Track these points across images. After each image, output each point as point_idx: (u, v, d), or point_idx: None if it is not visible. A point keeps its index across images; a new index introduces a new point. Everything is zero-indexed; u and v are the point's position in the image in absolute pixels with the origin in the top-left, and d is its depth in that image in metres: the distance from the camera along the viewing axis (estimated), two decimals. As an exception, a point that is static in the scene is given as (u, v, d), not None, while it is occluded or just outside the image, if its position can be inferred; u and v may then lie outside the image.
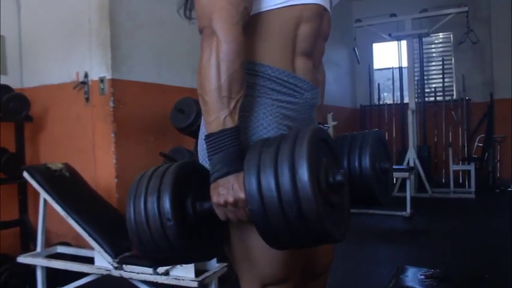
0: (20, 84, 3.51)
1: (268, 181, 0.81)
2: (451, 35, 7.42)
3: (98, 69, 3.16)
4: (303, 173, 0.78)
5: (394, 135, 7.41)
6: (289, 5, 1.02)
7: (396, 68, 7.65)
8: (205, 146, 0.94)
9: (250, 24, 1.03)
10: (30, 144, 3.42)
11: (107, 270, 2.28)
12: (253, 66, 1.03)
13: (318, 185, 0.80)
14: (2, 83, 3.24)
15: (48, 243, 2.86)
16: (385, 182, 1.17)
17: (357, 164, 1.11)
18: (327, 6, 1.12)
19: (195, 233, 0.94)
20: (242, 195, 0.87)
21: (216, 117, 0.91)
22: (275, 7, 1.02)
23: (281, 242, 0.86)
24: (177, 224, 0.88)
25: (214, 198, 0.90)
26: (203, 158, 1.05)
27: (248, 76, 1.01)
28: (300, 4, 1.03)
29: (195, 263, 1.08)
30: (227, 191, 0.89)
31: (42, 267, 2.56)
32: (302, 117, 1.08)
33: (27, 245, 3.23)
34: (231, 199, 0.88)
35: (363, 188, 1.09)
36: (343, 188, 0.88)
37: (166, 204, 0.88)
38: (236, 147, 0.91)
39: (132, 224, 0.92)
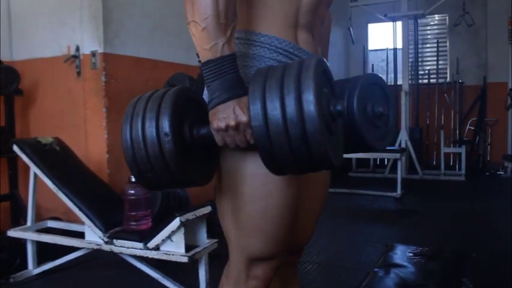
0: (9, 57, 3.44)
1: (273, 101, 0.82)
2: (447, 17, 7.38)
3: (90, 43, 3.11)
4: (309, 95, 0.80)
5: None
6: None
7: (391, 49, 7.61)
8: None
9: None
10: (21, 118, 3.38)
11: (97, 244, 2.28)
12: (259, 37, 1.01)
13: (321, 108, 0.82)
14: (-9, 56, 3.20)
15: (38, 218, 2.85)
16: (382, 126, 1.14)
17: (345, 105, 1.10)
18: None
19: (190, 156, 0.94)
20: (244, 118, 0.87)
21: (214, 44, 0.89)
22: None
23: (280, 164, 0.86)
24: (175, 140, 0.88)
25: (215, 123, 0.90)
26: None
27: (253, 47, 0.99)
28: None
29: (187, 187, 1.06)
30: (228, 115, 0.88)
31: (33, 242, 2.56)
32: None
33: (18, 220, 3.22)
34: (232, 122, 0.88)
35: (352, 132, 1.06)
36: (342, 117, 0.89)
37: (166, 121, 0.88)
38: (235, 74, 0.91)
39: (128, 143, 0.90)
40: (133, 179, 2.20)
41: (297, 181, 1.03)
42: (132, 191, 2.21)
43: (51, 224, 2.78)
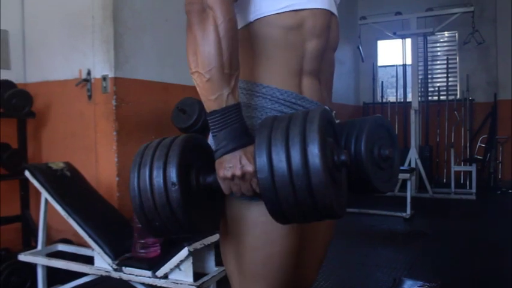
0: (23, 79, 3.51)
1: (279, 153, 0.84)
2: (457, 34, 7.38)
3: (101, 67, 3.16)
4: (314, 147, 0.82)
5: (396, 134, 7.38)
6: (293, 10, 0.99)
7: (400, 65, 7.61)
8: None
9: (250, 34, 1.02)
10: (33, 139, 3.43)
11: (106, 271, 2.29)
12: (260, 88, 1.01)
13: (326, 160, 0.84)
14: (5, 77, 3.25)
15: (49, 239, 2.88)
16: (387, 169, 1.15)
17: (352, 149, 1.10)
18: (334, 10, 1.08)
19: (197, 203, 0.95)
20: (250, 168, 0.89)
21: (219, 94, 0.91)
22: (276, 12, 0.99)
23: (285, 214, 0.87)
24: (182, 189, 0.89)
25: (221, 172, 0.91)
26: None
27: (255, 98, 1.00)
28: (305, 9, 1.00)
29: (195, 234, 1.08)
30: (234, 164, 0.90)
31: (43, 266, 2.58)
32: None
33: (29, 240, 3.25)
34: (238, 172, 0.89)
35: (359, 174, 1.07)
36: (346, 167, 0.92)
37: (173, 170, 0.89)
38: (240, 123, 0.92)
39: (135, 191, 0.92)
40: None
41: (301, 229, 1.04)
42: (141, 219, 2.22)
43: (62, 247, 2.80)
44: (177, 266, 2.10)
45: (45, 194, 2.45)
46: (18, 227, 3.25)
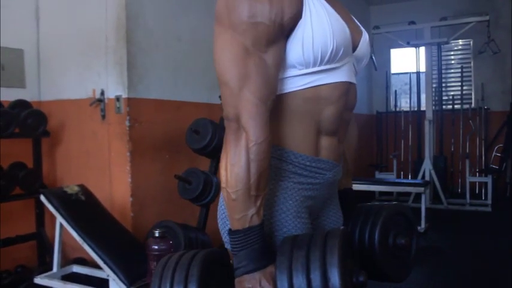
0: (37, 97, 3.54)
1: (301, 286, 0.85)
2: (471, 42, 7.30)
3: (114, 88, 3.17)
4: (335, 282, 0.83)
5: (410, 144, 7.33)
6: (314, 86, 1.00)
7: (414, 73, 7.54)
8: (228, 239, 0.96)
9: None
10: (47, 158, 3.46)
11: (121, 298, 2.31)
12: (277, 150, 1.02)
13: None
14: (20, 95, 3.29)
15: (64, 257, 2.90)
16: (403, 257, 1.14)
17: (366, 239, 1.10)
18: (353, 80, 1.09)
19: None
20: None
21: (243, 215, 0.92)
22: (299, 88, 1.00)
23: None
24: None
25: None
26: (223, 222, 1.06)
27: (271, 159, 1.00)
28: (325, 84, 1.01)
29: None
30: (254, 286, 0.91)
31: (58, 289, 2.61)
32: (322, 194, 1.09)
33: (44, 257, 3.29)
34: None
35: (372, 265, 1.08)
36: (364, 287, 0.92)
37: None
38: (262, 244, 0.93)
39: None
40: (157, 234, 2.23)
41: None
42: (156, 246, 2.23)
43: (76, 268, 2.82)
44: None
45: (60, 219, 2.48)
46: (33, 244, 3.29)
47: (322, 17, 0.97)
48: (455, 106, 7.22)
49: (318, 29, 0.96)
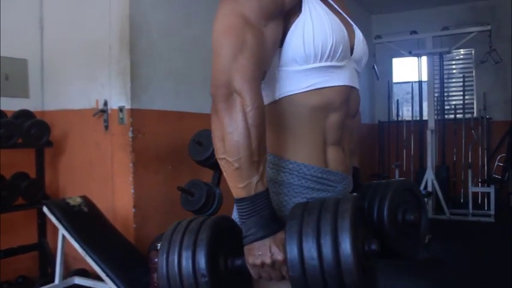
0: (41, 107, 3.55)
1: (311, 251, 0.84)
2: (473, 52, 7.30)
3: (118, 98, 3.18)
4: (346, 247, 0.82)
5: (412, 153, 7.31)
6: (316, 89, 1.00)
7: (416, 82, 7.54)
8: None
9: (276, 111, 1.02)
10: (50, 168, 3.46)
11: (123, 311, 2.29)
12: (287, 164, 1.01)
13: (359, 259, 0.83)
14: (23, 105, 3.30)
15: (66, 268, 2.90)
16: (413, 233, 1.12)
17: (375, 215, 1.08)
18: (355, 84, 1.10)
19: (225, 286, 0.96)
20: (280, 257, 0.89)
21: (248, 183, 0.90)
22: (302, 91, 1.00)
23: None
24: (212, 280, 0.90)
25: (250, 259, 0.91)
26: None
27: (282, 174, 1.01)
28: (327, 87, 1.01)
29: None
30: (264, 253, 0.89)
31: (60, 301, 2.60)
32: None
33: (45, 268, 3.28)
34: (268, 260, 0.89)
35: (382, 242, 1.06)
36: (376, 256, 0.91)
37: (202, 260, 0.90)
38: (269, 210, 0.92)
39: (164, 279, 0.93)
40: (159, 247, 2.22)
41: None
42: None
43: (78, 280, 2.81)
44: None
45: (62, 231, 2.47)
46: (35, 254, 3.28)
47: (321, 14, 1.00)
48: (457, 115, 7.21)
49: (318, 24, 0.98)
